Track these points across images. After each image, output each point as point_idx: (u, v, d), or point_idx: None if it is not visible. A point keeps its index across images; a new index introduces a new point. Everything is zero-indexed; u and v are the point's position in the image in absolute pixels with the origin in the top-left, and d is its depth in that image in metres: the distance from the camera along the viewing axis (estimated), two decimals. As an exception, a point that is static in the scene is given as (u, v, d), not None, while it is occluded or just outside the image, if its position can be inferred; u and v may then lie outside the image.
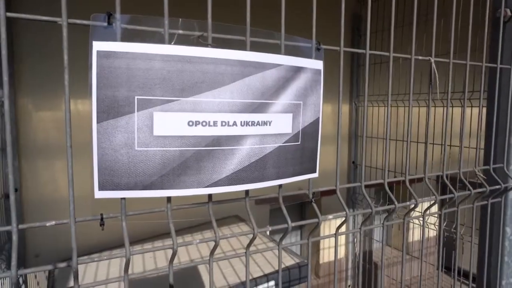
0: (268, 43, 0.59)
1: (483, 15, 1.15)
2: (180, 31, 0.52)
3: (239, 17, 0.56)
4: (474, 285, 1.07)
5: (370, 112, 3.03)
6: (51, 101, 1.98)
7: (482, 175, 0.95)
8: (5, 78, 0.43)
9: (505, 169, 0.99)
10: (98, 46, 0.46)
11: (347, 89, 3.10)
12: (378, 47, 2.65)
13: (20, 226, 0.47)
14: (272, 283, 1.83)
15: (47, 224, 0.48)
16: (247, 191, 0.61)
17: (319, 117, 0.64)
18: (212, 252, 0.59)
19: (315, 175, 0.66)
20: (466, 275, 1.40)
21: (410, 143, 0.81)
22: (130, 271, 1.68)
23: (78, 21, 0.46)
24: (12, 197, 0.47)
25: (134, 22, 0.49)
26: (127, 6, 0.54)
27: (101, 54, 0.46)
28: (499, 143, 1.01)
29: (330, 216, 0.79)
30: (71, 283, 1.70)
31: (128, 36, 0.48)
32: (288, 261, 1.94)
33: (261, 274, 1.80)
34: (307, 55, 0.63)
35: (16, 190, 1.93)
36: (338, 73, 0.67)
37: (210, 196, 0.58)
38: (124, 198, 0.51)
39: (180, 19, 0.51)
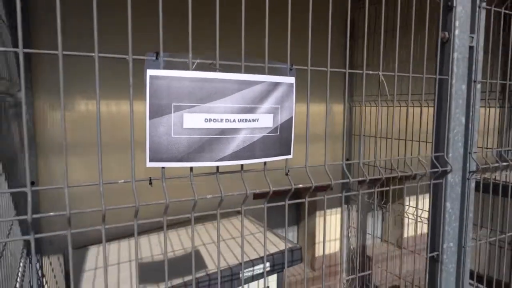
0: (257, 66, 0.88)
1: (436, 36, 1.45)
2: (198, 60, 0.81)
3: (237, 41, 0.85)
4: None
5: (363, 111, 3.30)
6: (65, 101, 2.26)
7: (424, 161, 1.23)
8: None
9: (445, 157, 1.28)
10: (150, 72, 0.76)
11: (342, 90, 3.33)
12: (371, 49, 2.94)
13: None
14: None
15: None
16: (242, 166, 0.90)
17: (292, 116, 0.94)
18: (219, 205, 0.88)
19: (290, 156, 0.95)
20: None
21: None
22: (126, 258, 1.95)
23: (141, 57, 0.76)
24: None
25: (171, 56, 0.79)
26: (156, 42, 0.84)
27: (152, 77, 0.76)
28: (441, 137, 1.30)
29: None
30: (87, 267, 1.98)
31: (168, 66, 0.78)
32: (282, 246, 2.22)
33: (257, 256, 2.08)
34: (284, 74, 0.93)
35: (32, 183, 2.19)
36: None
37: (217, 168, 0.87)
38: (163, 168, 0.80)
39: (197, 60, 0.81)
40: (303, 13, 1.01)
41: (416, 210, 1.41)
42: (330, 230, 3.51)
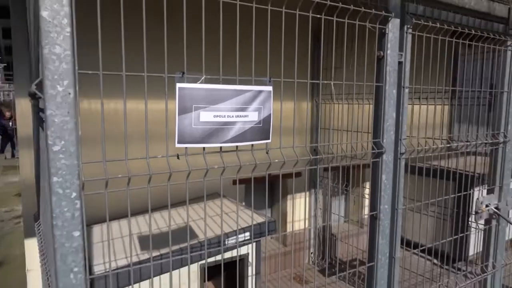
0: (247, 79, 1.30)
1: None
2: (208, 77, 1.22)
3: (233, 62, 1.26)
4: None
5: (328, 108, 3.78)
6: (99, 97, 2.59)
7: (366, 145, 1.69)
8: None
9: (381, 142, 1.75)
10: (178, 85, 1.16)
11: (309, 89, 3.79)
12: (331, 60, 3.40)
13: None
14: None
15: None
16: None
17: (270, 113, 1.36)
18: (221, 173, 1.30)
19: (269, 140, 1.38)
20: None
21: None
22: (137, 231, 2.45)
23: (173, 75, 1.15)
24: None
25: (190, 74, 1.19)
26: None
27: (180, 89, 1.16)
28: (378, 127, 1.76)
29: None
30: (95, 240, 2.34)
31: (189, 80, 1.18)
32: (260, 219, 2.66)
33: (240, 227, 2.51)
34: (265, 84, 1.35)
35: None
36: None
37: (221, 148, 1.28)
38: (186, 148, 1.21)
39: (205, 76, 1.21)
40: (279, 32, 1.42)
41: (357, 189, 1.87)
42: (300, 211, 3.99)
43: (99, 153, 1.08)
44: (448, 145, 2.25)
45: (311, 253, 4.17)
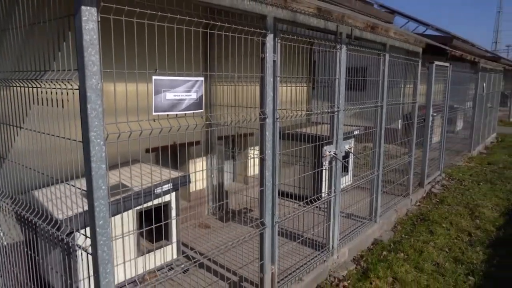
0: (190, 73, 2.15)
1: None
2: (158, 71, 2.04)
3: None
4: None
5: (221, 89, 4.72)
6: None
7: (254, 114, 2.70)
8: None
9: (265, 111, 2.77)
10: (154, 77, 1.96)
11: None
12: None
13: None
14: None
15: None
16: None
17: (202, 94, 2.24)
18: (178, 130, 2.15)
19: (202, 110, 2.26)
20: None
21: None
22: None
23: (150, 71, 1.94)
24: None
25: (159, 71, 1.99)
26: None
27: (155, 79, 1.96)
28: (263, 102, 2.78)
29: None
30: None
31: (157, 74, 1.99)
32: (176, 175, 3.49)
33: (165, 179, 3.31)
34: (199, 75, 2.22)
35: None
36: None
37: (177, 114, 2.12)
38: (158, 114, 2.02)
39: (158, 71, 2.03)
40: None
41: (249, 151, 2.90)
42: (199, 173, 4.91)
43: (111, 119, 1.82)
44: (307, 112, 3.44)
45: (210, 206, 5.16)
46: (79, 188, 2.38)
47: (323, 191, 4.40)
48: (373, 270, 3.94)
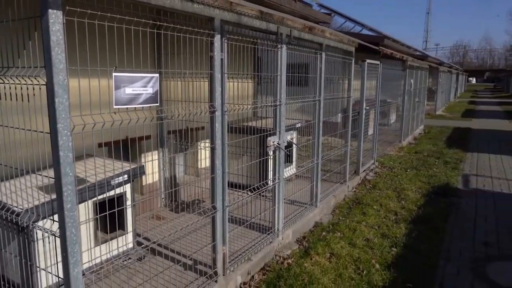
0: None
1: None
2: (118, 68, 2.25)
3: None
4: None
5: (172, 85, 4.91)
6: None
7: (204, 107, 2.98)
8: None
9: (214, 104, 3.06)
10: (114, 74, 2.17)
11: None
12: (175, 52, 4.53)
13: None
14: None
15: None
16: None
17: (158, 89, 2.48)
18: (136, 123, 2.37)
19: (158, 103, 2.50)
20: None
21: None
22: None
23: (110, 68, 2.15)
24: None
25: (119, 68, 2.21)
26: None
27: (115, 76, 2.17)
28: (212, 96, 3.06)
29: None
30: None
31: (117, 71, 2.20)
32: (132, 166, 3.67)
33: (120, 171, 3.47)
34: (155, 72, 2.45)
35: None
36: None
37: (135, 108, 2.35)
38: (119, 108, 2.23)
39: (116, 68, 2.25)
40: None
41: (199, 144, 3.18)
42: (152, 166, 5.07)
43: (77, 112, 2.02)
44: (253, 105, 3.77)
45: (162, 198, 5.33)
46: (46, 176, 2.51)
47: (269, 178, 4.76)
48: (313, 248, 4.39)
